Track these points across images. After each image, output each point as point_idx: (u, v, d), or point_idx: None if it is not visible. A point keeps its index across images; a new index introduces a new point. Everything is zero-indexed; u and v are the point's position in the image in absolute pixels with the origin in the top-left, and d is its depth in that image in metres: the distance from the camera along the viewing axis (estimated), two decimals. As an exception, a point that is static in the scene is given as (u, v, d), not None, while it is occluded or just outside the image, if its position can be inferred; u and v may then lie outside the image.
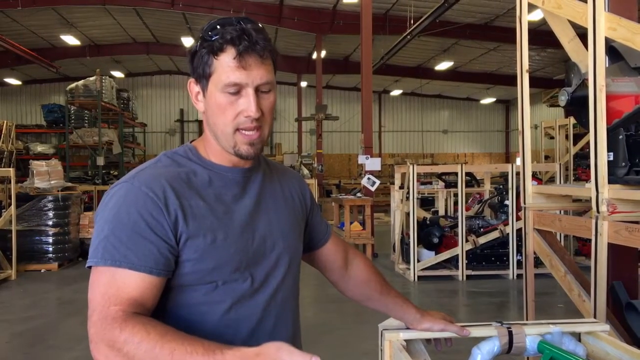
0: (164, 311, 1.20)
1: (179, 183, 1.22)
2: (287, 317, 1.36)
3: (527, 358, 2.45)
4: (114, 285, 1.12)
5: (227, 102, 1.20)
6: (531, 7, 3.16)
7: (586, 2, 2.54)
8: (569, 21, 2.94)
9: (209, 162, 1.29)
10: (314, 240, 1.54)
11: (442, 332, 1.54)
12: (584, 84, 2.74)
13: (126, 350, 1.05)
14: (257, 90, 1.21)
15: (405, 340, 1.54)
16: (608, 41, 2.55)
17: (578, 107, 2.84)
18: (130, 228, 1.14)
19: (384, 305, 1.58)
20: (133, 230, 1.14)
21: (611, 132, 2.50)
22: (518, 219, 7.29)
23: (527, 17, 3.18)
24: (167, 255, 1.16)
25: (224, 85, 1.19)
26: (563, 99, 2.89)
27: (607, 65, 2.62)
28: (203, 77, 1.22)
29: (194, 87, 1.26)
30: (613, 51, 2.81)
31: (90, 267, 1.17)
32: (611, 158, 2.50)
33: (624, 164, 2.48)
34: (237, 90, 1.20)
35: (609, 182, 2.46)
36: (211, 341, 1.06)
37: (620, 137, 2.50)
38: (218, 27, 1.20)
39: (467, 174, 8.77)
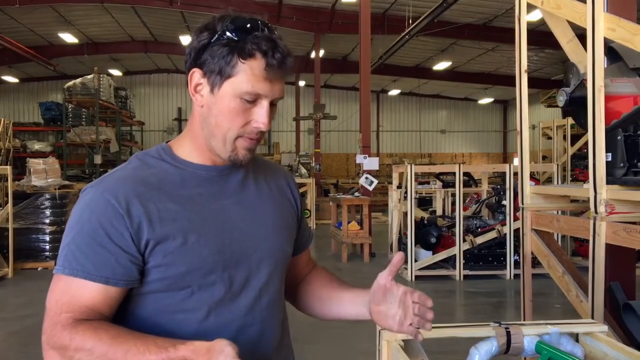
0: (141, 319, 1.18)
1: (146, 186, 1.16)
2: (274, 322, 1.29)
3: (525, 358, 2.45)
4: (68, 293, 1.12)
5: (241, 109, 1.16)
6: (530, 8, 3.16)
7: (585, 2, 2.54)
8: (568, 22, 2.94)
9: (183, 161, 1.23)
10: (294, 246, 1.39)
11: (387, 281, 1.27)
12: (582, 84, 2.74)
13: (77, 358, 1.07)
14: (270, 103, 1.19)
15: (403, 341, 1.53)
16: (607, 42, 2.55)
17: (576, 107, 2.84)
18: (89, 236, 1.12)
19: (342, 299, 1.38)
20: (92, 238, 1.12)
21: (609, 132, 2.50)
22: (516, 219, 7.29)
23: (526, 18, 3.18)
24: (126, 265, 1.12)
25: (245, 92, 1.14)
26: (562, 100, 2.89)
27: (605, 66, 2.62)
28: (217, 74, 1.15)
29: (196, 78, 1.18)
30: (612, 52, 2.81)
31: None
32: (609, 159, 2.49)
33: (622, 164, 2.48)
34: (254, 99, 1.16)
35: (607, 182, 2.46)
36: (165, 338, 1.07)
37: (619, 137, 2.50)
38: (240, 26, 1.14)
39: (465, 174, 8.77)
